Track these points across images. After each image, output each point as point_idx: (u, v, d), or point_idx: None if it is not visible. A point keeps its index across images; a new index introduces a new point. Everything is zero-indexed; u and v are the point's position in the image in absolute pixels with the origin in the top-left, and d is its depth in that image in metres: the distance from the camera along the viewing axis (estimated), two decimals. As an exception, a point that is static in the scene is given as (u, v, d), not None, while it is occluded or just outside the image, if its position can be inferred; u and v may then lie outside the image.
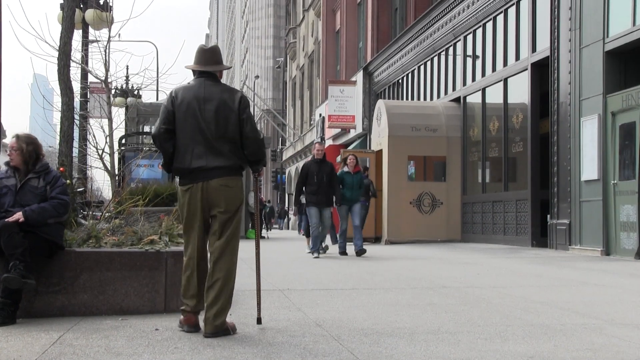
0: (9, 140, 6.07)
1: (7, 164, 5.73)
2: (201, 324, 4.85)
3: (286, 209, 47.84)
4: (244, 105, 4.87)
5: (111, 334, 4.82)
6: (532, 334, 4.78)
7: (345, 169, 13.34)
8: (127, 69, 26.83)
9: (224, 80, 5.40)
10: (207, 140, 4.78)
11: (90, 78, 13.02)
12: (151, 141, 18.96)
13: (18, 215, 5.35)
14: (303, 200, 13.01)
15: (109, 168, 10.41)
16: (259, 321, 5.13)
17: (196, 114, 4.79)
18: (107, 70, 10.62)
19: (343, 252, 13.10)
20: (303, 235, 28.95)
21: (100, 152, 10.32)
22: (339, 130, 30.23)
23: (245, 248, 16.86)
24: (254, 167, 5.05)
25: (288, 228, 45.66)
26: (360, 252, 12.77)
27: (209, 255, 4.88)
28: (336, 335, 4.71)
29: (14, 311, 5.24)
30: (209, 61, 4.97)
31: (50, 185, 5.63)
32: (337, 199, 12.72)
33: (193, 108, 4.80)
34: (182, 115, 4.82)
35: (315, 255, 12.46)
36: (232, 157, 4.82)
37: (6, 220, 5.31)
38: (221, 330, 4.73)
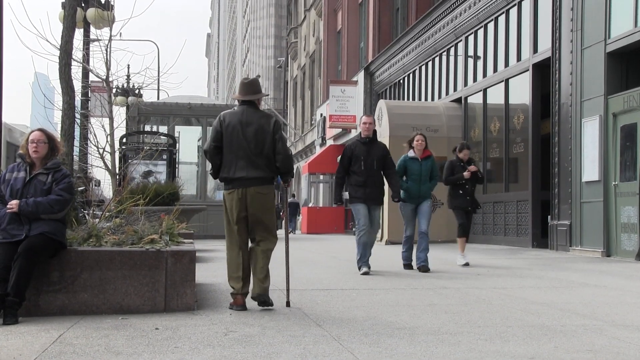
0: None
1: (21, 156, 5.78)
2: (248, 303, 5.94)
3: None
4: (277, 128, 6.05)
5: (111, 333, 4.82)
6: (532, 335, 4.78)
7: (411, 153, 9.86)
8: (128, 68, 26.93)
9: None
10: (248, 156, 5.96)
11: (92, 77, 13.03)
12: (152, 140, 19.09)
13: (13, 204, 5.51)
14: (346, 195, 9.50)
15: (110, 167, 10.41)
16: (287, 304, 6.06)
17: (240, 135, 5.97)
18: (108, 69, 10.63)
19: (408, 264, 9.96)
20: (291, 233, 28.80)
21: (101, 151, 10.32)
22: (340, 130, 30.22)
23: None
24: (284, 178, 6.18)
25: None
26: (423, 269, 9.48)
27: (251, 244, 6.08)
28: (336, 336, 4.71)
29: (17, 310, 5.26)
30: (249, 92, 6.13)
31: (56, 182, 5.68)
32: (394, 192, 9.45)
33: (237, 130, 5.98)
34: (229, 136, 5.99)
35: (365, 269, 9.08)
36: (266, 170, 6.00)
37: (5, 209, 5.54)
38: (266, 293, 5.94)
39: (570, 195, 13.68)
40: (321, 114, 33.70)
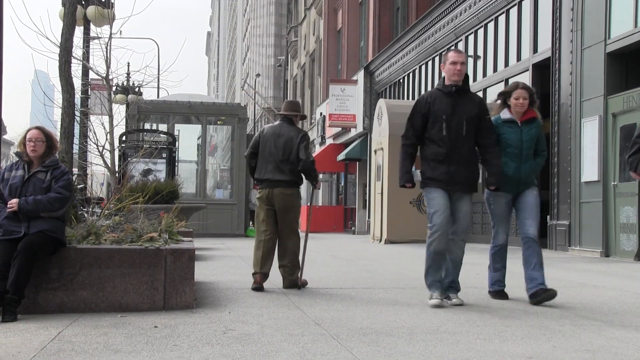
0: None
1: (19, 155, 5.78)
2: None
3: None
4: (303, 139, 7.19)
5: (110, 330, 4.82)
6: (530, 334, 4.78)
7: (505, 114, 6.43)
8: (128, 66, 26.89)
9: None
10: (276, 162, 7.13)
11: (91, 75, 13.03)
12: (152, 138, 19.10)
13: (14, 202, 5.50)
14: (417, 175, 6.20)
15: (109, 165, 10.41)
16: (304, 284, 7.33)
17: (272, 144, 7.17)
18: (108, 67, 10.62)
19: (500, 291, 6.53)
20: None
21: (100, 148, 10.32)
22: (340, 129, 30.21)
23: (244, 246, 16.78)
24: (309, 180, 7.29)
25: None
26: (545, 296, 6.11)
27: (279, 242, 7.23)
28: (335, 335, 4.71)
29: (16, 307, 5.26)
30: (288, 109, 7.44)
31: (55, 179, 5.68)
32: (492, 174, 6.20)
33: (271, 140, 7.20)
34: (264, 144, 7.23)
35: (437, 299, 6.03)
36: (290, 175, 7.13)
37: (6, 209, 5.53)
38: (295, 284, 7.14)
39: (569, 195, 13.68)
40: (321, 113, 33.69)
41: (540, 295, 6.10)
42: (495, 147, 6.24)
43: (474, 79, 18.89)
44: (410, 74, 24.08)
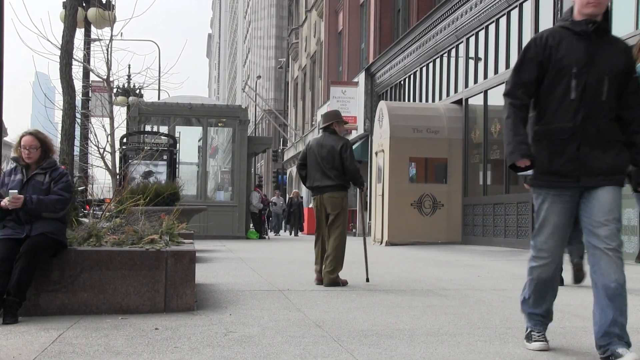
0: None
1: (16, 160, 5.79)
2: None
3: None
4: (345, 148, 7.97)
5: (111, 333, 4.82)
6: (532, 336, 4.77)
7: None
8: (129, 68, 26.91)
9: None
10: (322, 170, 8.00)
11: (92, 77, 13.03)
12: (152, 140, 19.09)
13: (19, 197, 5.49)
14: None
15: (110, 167, 10.40)
16: (367, 280, 8.15)
17: (316, 154, 8.07)
18: (109, 69, 10.60)
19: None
20: (270, 236, 25.95)
21: (101, 150, 10.31)
22: (341, 131, 30.20)
23: (245, 248, 16.77)
24: (356, 185, 8.15)
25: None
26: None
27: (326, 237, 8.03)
28: (336, 337, 4.71)
29: (17, 309, 5.26)
30: (324, 121, 8.34)
31: (54, 181, 5.69)
32: None
33: (315, 151, 8.10)
34: (310, 155, 8.15)
35: (540, 341, 4.28)
36: (335, 180, 7.98)
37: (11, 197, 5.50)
38: (334, 282, 7.72)
39: (570, 197, 13.66)
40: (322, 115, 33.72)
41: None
42: None
43: (475, 81, 18.90)
44: (411, 76, 24.08)
